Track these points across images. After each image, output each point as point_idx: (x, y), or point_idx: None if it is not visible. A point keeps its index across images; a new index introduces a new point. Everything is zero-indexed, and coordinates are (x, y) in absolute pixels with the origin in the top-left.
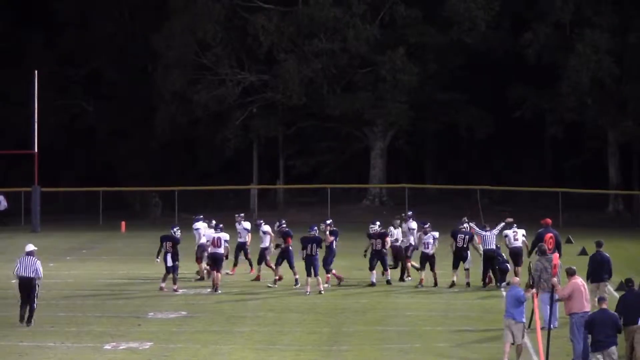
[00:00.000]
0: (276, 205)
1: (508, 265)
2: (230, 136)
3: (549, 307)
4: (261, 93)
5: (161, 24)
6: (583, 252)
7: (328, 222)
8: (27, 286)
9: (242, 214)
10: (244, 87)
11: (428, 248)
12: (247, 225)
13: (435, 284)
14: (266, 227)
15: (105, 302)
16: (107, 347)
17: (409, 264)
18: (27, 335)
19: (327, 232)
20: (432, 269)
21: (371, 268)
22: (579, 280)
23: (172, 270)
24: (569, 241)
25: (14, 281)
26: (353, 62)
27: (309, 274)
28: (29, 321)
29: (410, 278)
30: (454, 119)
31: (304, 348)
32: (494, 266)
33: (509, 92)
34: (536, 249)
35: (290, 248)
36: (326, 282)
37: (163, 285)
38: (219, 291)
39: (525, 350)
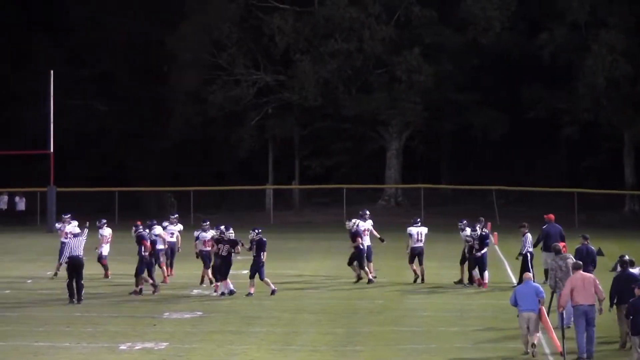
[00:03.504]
0: (292, 205)
1: None
2: (246, 136)
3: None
4: (277, 93)
5: (176, 24)
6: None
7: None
8: (77, 265)
9: (177, 215)
10: (260, 87)
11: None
12: (180, 227)
13: (422, 280)
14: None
15: (120, 302)
16: (123, 347)
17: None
18: (42, 335)
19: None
20: (421, 263)
21: (221, 276)
22: (579, 275)
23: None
24: None
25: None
26: (368, 62)
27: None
28: (79, 299)
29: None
30: (468, 119)
31: (319, 349)
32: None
33: (524, 92)
34: (541, 244)
35: (145, 254)
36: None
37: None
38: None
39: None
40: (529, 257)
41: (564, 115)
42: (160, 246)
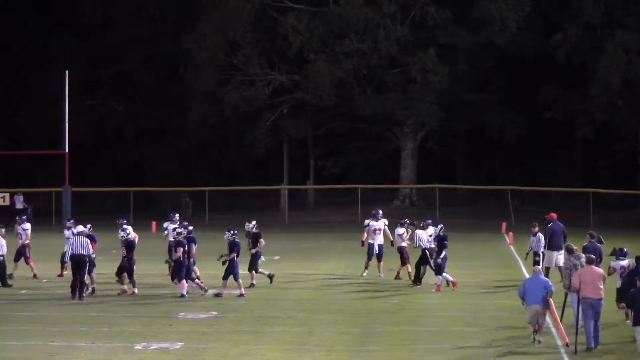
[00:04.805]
0: (307, 205)
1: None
2: (261, 136)
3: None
4: (291, 93)
5: (192, 24)
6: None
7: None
8: (80, 263)
9: (178, 214)
10: (274, 87)
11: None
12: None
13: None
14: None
15: (135, 302)
16: (138, 347)
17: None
18: (58, 335)
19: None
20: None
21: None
22: (589, 269)
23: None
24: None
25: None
26: (383, 62)
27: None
28: (80, 297)
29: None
30: (484, 119)
31: (334, 348)
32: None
33: (539, 92)
34: (546, 242)
35: (93, 256)
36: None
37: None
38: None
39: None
40: (540, 257)
41: (579, 116)
42: None
